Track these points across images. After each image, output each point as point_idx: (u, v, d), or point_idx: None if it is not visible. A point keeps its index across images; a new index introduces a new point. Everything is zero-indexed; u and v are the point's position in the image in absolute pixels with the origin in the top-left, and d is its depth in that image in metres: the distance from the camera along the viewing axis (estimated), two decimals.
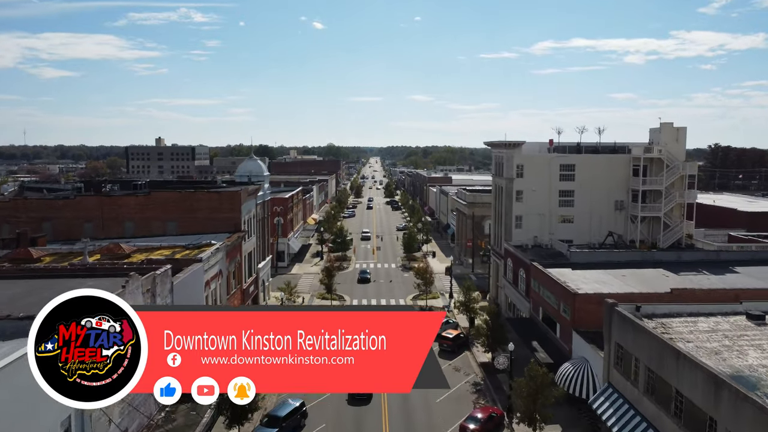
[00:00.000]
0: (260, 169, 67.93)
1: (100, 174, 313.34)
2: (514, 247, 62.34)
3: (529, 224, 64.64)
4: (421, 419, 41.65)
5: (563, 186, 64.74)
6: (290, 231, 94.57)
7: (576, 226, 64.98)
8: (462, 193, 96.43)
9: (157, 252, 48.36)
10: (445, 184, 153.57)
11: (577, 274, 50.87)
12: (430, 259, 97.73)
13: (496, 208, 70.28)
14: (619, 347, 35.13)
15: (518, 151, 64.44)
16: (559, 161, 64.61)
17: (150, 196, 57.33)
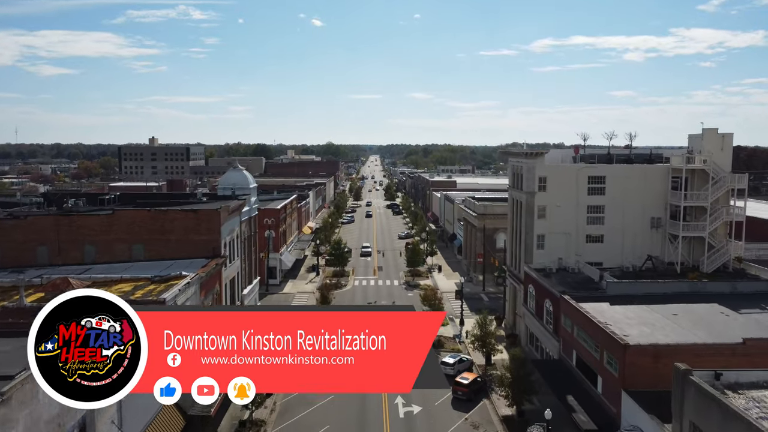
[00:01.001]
0: (246, 181, 59.71)
1: (93, 174, 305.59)
2: (536, 272, 54.25)
3: (552, 244, 56.57)
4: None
5: (592, 201, 56.66)
6: (283, 244, 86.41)
7: (606, 246, 56.92)
8: (470, 203, 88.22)
9: (115, 287, 40.22)
10: (449, 188, 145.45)
11: (617, 311, 42.82)
12: (435, 275, 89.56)
13: (514, 224, 62.11)
14: (696, 429, 27.03)
15: (541, 161, 56.31)
16: (587, 173, 56.49)
17: (114, 215, 49.14)
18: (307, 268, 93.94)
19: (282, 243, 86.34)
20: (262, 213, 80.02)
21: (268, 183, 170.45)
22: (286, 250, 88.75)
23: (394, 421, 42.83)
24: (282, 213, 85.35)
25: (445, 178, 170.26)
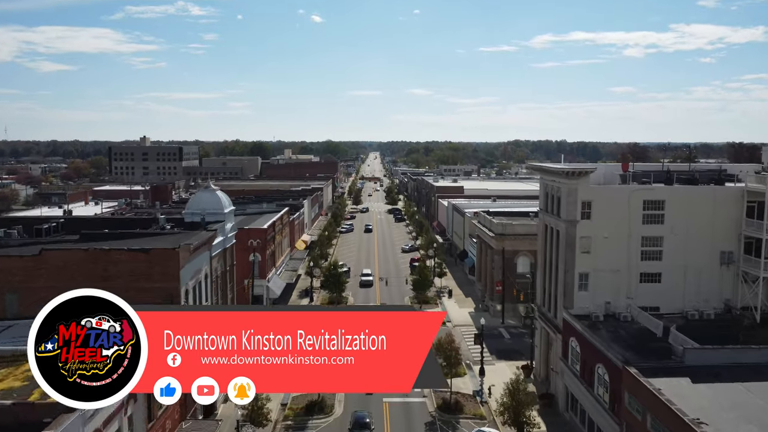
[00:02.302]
0: (219, 205, 48.60)
1: (83, 175, 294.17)
2: (579, 321, 43.29)
3: (598, 284, 45.66)
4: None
5: (648, 231, 45.72)
6: (271, 268, 75.41)
7: (664, 287, 46.01)
8: (486, 219, 77.13)
9: (21, 370, 29.19)
10: (455, 194, 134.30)
11: (703, 393, 32.06)
12: (446, 301, 78.59)
13: (547, 256, 51.07)
14: None
15: (584, 182, 45.29)
16: (642, 196, 45.48)
17: (41, 257, 38.15)
18: (300, 293, 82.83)
19: (270, 266, 75.34)
20: (246, 234, 69.08)
21: (261, 188, 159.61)
22: (275, 273, 77.73)
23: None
24: (270, 232, 74.29)
25: (450, 183, 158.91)
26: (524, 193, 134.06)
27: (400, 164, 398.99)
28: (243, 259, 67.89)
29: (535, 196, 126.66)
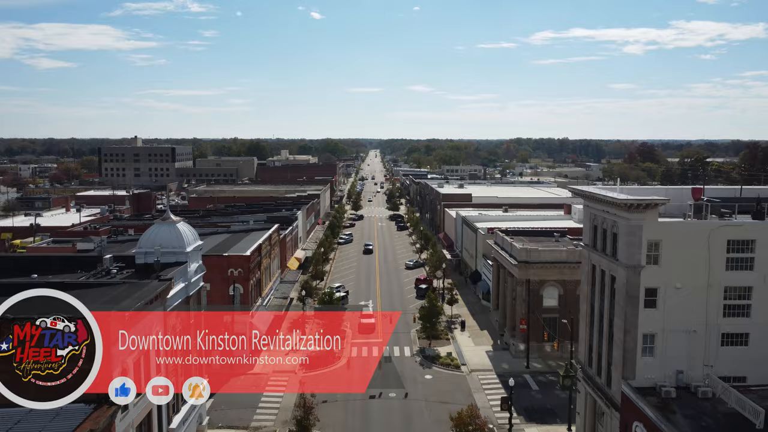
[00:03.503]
0: (180, 242, 38.02)
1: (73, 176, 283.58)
2: (646, 399, 32.97)
3: (668, 348, 35.30)
4: None
5: (732, 279, 35.33)
6: (257, 298, 65.03)
7: (753, 351, 35.69)
8: (506, 242, 66.63)
9: None
10: (463, 203, 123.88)
11: None
12: (458, 335, 68.17)
13: (595, 305, 40.64)
14: None
15: (652, 217, 34.84)
16: (726, 234, 35.02)
17: None
18: (291, 323, 72.28)
19: (256, 296, 65.00)
20: (225, 262, 58.89)
21: (253, 195, 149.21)
22: (262, 303, 67.37)
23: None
24: (255, 258, 63.82)
25: (456, 189, 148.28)
26: (536, 201, 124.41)
27: (401, 164, 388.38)
28: (221, 292, 57.88)
29: (548, 204, 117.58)
